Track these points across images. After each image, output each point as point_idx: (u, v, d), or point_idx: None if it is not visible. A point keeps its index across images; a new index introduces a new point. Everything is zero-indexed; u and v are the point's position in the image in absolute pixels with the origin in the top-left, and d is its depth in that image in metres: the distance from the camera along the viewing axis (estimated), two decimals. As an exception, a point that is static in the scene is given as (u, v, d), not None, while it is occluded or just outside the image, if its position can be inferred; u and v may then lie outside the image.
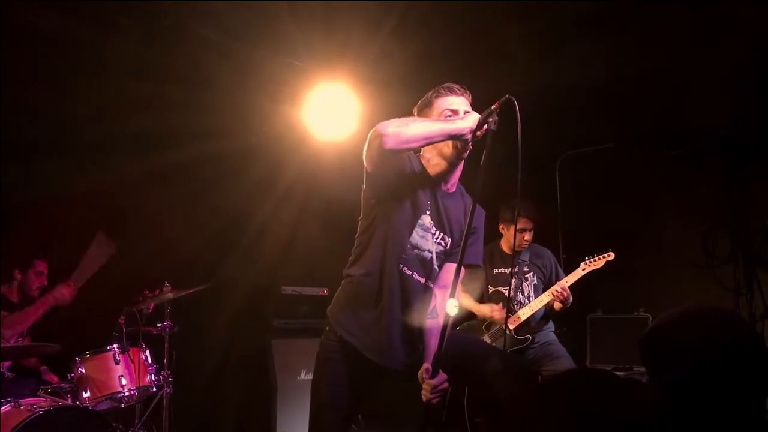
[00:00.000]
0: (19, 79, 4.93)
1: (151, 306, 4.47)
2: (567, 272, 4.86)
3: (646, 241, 6.03)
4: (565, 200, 6.21)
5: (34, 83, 5.00)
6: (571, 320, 5.99)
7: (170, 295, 4.32)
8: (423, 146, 2.83)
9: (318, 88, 5.53)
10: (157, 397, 4.29)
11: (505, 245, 4.91)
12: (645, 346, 1.69)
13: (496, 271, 4.89)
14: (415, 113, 3.07)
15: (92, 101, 5.28)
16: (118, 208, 5.46)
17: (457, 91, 3.04)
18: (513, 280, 4.80)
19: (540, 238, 5.09)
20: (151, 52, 5.20)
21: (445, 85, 3.03)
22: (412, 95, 5.52)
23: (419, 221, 2.83)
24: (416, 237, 2.82)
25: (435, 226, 2.88)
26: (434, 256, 2.85)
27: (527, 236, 4.81)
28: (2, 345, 3.69)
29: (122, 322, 4.23)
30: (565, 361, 4.68)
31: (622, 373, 5.69)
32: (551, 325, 4.88)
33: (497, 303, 4.80)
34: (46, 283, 4.74)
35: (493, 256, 4.93)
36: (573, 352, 5.02)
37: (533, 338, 4.71)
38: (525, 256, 4.86)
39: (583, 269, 4.65)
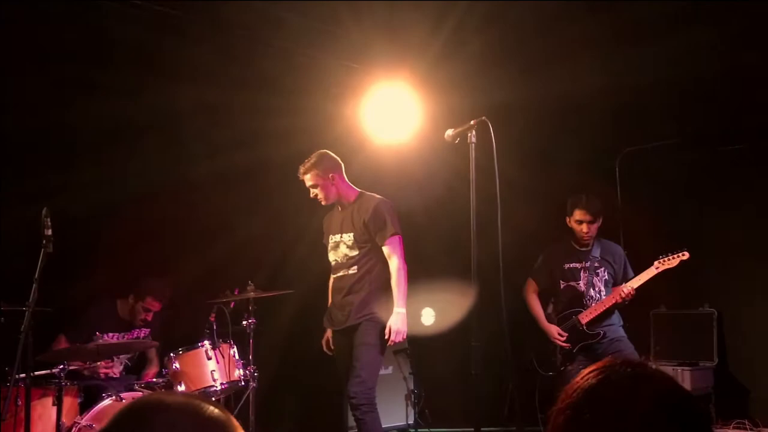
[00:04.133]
0: (94, 86, 5.09)
1: (231, 304, 4.61)
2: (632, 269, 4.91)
3: (708, 236, 6.03)
4: (626, 196, 6.27)
5: (103, 89, 5.15)
6: (634, 316, 6.03)
7: (253, 294, 4.46)
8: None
9: (378, 90, 5.60)
10: (247, 392, 4.43)
11: (575, 240, 4.97)
12: None
13: (567, 266, 4.95)
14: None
15: (164, 107, 5.43)
16: (190, 209, 5.62)
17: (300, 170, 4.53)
18: (584, 274, 4.87)
19: (601, 234, 5.13)
20: (221, 60, 5.36)
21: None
22: (472, 96, 5.65)
23: None
24: None
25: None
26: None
27: (585, 228, 4.85)
28: (103, 342, 3.86)
29: (213, 319, 4.38)
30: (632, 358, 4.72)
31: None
32: (620, 320, 4.92)
33: (570, 299, 4.87)
34: (149, 319, 4.94)
35: (565, 251, 5.00)
36: (636, 348, 5.06)
37: (604, 333, 4.76)
38: (596, 252, 4.92)
39: (657, 268, 4.68)
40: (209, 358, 4.27)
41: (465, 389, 5.22)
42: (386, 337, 4.34)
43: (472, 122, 3.62)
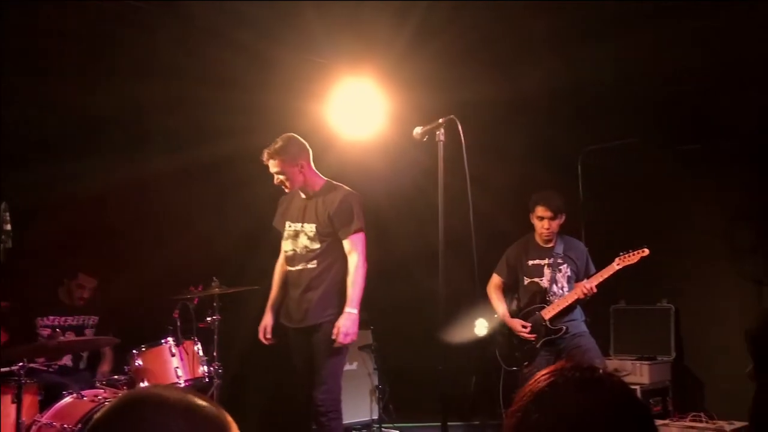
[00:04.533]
0: (50, 78, 5.01)
1: (195, 300, 4.57)
2: (595, 265, 4.99)
3: (668, 233, 6.16)
4: (588, 194, 6.37)
5: (64, 82, 5.07)
6: (594, 311, 6.13)
7: (217, 291, 4.43)
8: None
9: (343, 86, 5.58)
10: (211, 389, 4.40)
11: (538, 237, 5.03)
12: (760, 341, 1.75)
13: (531, 262, 5.01)
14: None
15: (123, 101, 5.36)
16: (153, 204, 5.56)
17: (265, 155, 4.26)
18: (548, 270, 4.94)
19: (563, 231, 5.20)
20: (181, 53, 5.29)
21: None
22: (438, 93, 5.68)
23: None
24: None
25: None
26: None
27: (546, 224, 4.91)
28: (64, 340, 3.80)
29: (176, 316, 4.34)
30: (593, 354, 4.82)
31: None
32: (582, 316, 5.01)
33: (533, 295, 4.93)
34: (87, 296, 4.91)
35: (528, 247, 5.06)
36: (596, 342, 5.15)
37: (566, 329, 4.84)
38: (559, 249, 4.99)
39: (618, 264, 4.75)
40: (173, 355, 4.24)
41: (429, 384, 5.26)
42: (333, 337, 4.11)
43: (440, 120, 3.63)
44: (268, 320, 4.42)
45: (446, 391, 3.71)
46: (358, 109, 5.60)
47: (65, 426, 3.51)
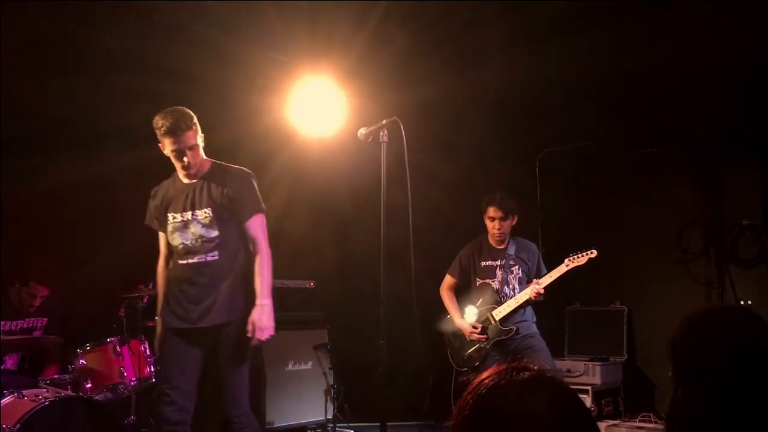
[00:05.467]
0: (9, 74, 4.92)
1: (145, 298, 4.53)
2: (548, 266, 5.03)
3: (622, 236, 6.24)
4: (545, 195, 6.42)
5: (23, 78, 4.99)
6: (549, 312, 6.19)
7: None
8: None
9: (303, 84, 5.56)
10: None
11: (491, 238, 5.05)
12: (679, 348, 1.77)
13: (483, 263, 5.04)
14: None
15: (82, 96, 5.28)
16: (107, 202, 5.49)
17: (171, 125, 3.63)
18: (499, 272, 4.97)
19: (520, 232, 5.24)
20: (141, 47, 5.23)
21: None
22: (398, 92, 5.68)
23: None
24: None
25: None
26: None
27: (497, 225, 4.93)
28: (6, 338, 3.73)
29: (122, 314, 4.29)
30: (544, 355, 4.85)
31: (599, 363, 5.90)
32: (533, 317, 5.04)
33: (484, 297, 4.96)
34: (38, 304, 4.81)
35: (481, 249, 5.08)
36: (552, 343, 5.20)
37: (517, 329, 4.87)
38: (511, 250, 5.01)
39: (567, 265, 4.80)
40: (117, 354, 4.19)
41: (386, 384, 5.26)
42: (249, 335, 3.59)
43: (383, 122, 3.64)
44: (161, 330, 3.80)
45: (399, 391, 3.68)
46: (317, 106, 5.57)
47: (4, 426, 3.45)
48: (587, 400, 5.69)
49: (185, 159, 3.67)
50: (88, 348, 4.21)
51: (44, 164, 5.19)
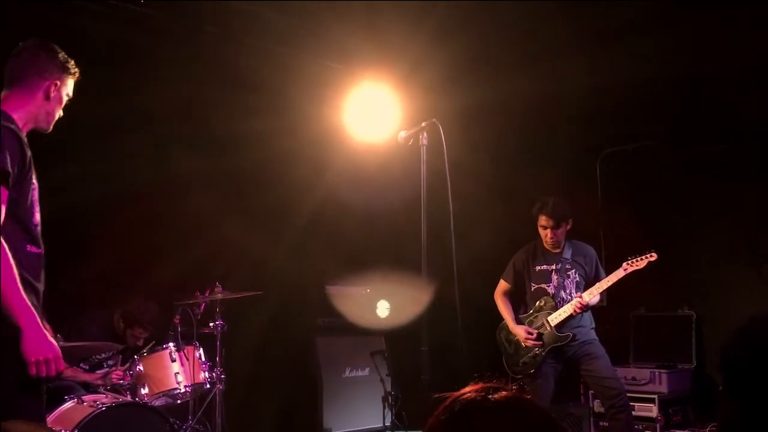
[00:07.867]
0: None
1: (202, 306, 4.61)
2: (609, 270, 4.87)
3: (689, 239, 6.02)
4: (607, 197, 6.25)
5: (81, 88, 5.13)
6: (614, 318, 6.01)
7: (220, 296, 4.46)
8: None
9: (358, 91, 5.57)
10: (211, 394, 4.43)
11: (546, 242, 4.93)
12: (730, 358, 1.67)
13: (538, 268, 4.92)
14: None
15: (141, 105, 5.42)
16: (166, 209, 5.61)
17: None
18: (555, 276, 4.85)
19: (581, 235, 5.11)
20: (198, 59, 5.34)
21: None
22: (453, 97, 5.63)
23: None
24: None
25: None
26: None
27: (549, 234, 4.80)
28: (68, 344, 3.84)
29: (177, 321, 4.38)
30: (602, 362, 4.70)
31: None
32: (592, 323, 4.90)
33: (540, 302, 4.85)
34: (139, 344, 4.82)
35: (536, 253, 4.96)
36: (617, 350, 5.05)
37: (574, 336, 4.74)
38: (567, 254, 4.88)
39: (625, 270, 4.64)
40: (173, 360, 4.28)
41: (443, 391, 5.21)
42: (31, 372, 2.45)
43: (423, 124, 3.62)
44: None
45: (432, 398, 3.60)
46: (373, 113, 5.57)
47: (62, 431, 3.56)
48: (653, 409, 5.50)
49: None
50: (144, 354, 4.32)
51: (109, 171, 5.31)
